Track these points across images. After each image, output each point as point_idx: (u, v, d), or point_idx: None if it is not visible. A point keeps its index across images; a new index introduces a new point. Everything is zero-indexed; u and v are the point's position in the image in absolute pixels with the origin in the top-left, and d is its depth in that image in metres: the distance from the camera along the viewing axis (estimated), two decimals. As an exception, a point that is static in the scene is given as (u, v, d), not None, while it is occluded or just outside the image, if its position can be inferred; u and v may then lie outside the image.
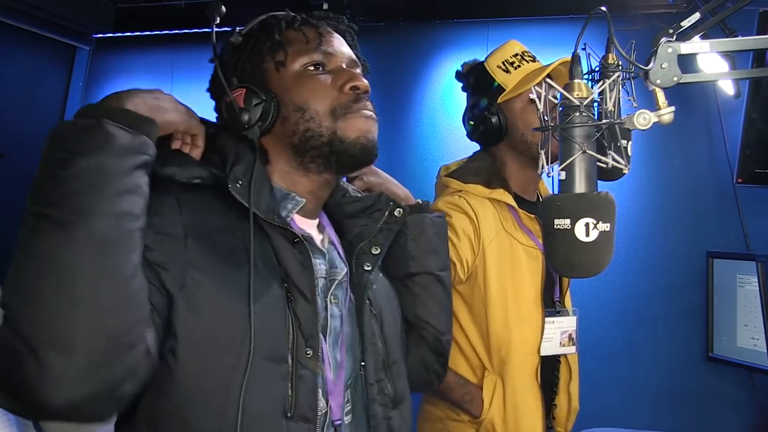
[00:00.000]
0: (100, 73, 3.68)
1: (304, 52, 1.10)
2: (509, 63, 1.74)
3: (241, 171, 1.02)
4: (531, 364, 1.71)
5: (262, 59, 1.11)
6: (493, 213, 1.71)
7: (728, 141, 2.74)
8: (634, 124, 0.96)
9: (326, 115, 1.07)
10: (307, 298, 1.01)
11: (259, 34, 1.13)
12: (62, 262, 0.77)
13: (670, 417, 2.82)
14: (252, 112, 1.06)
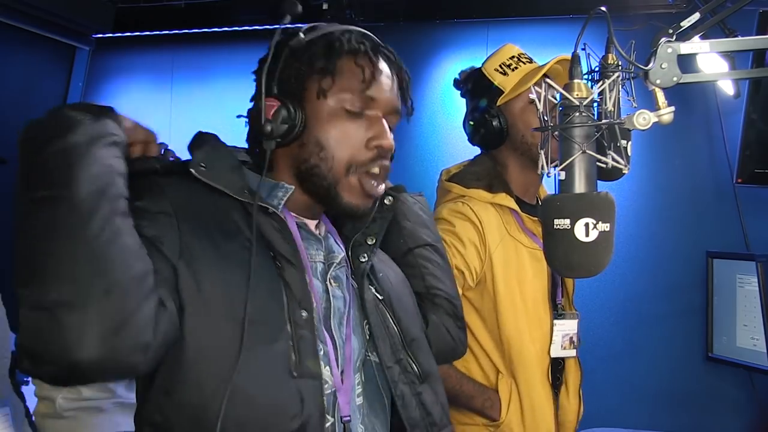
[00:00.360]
0: (99, 73, 3.68)
1: (350, 91, 1.07)
2: (506, 65, 1.74)
3: (202, 155, 1.04)
4: (543, 365, 1.72)
5: (308, 76, 1.08)
6: (496, 218, 1.71)
7: (728, 141, 2.74)
8: (633, 124, 0.96)
9: (340, 165, 1.07)
10: (293, 264, 1.03)
11: (316, 48, 1.08)
12: (53, 233, 0.82)
13: (670, 417, 2.82)
14: (277, 127, 1.05)
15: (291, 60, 1.07)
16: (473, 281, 1.68)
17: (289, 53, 1.07)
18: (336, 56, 1.07)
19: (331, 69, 1.06)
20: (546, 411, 1.71)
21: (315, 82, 1.07)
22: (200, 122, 3.97)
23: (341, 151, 1.06)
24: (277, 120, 1.04)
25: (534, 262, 1.73)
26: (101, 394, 1.94)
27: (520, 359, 1.68)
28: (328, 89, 1.06)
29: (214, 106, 3.49)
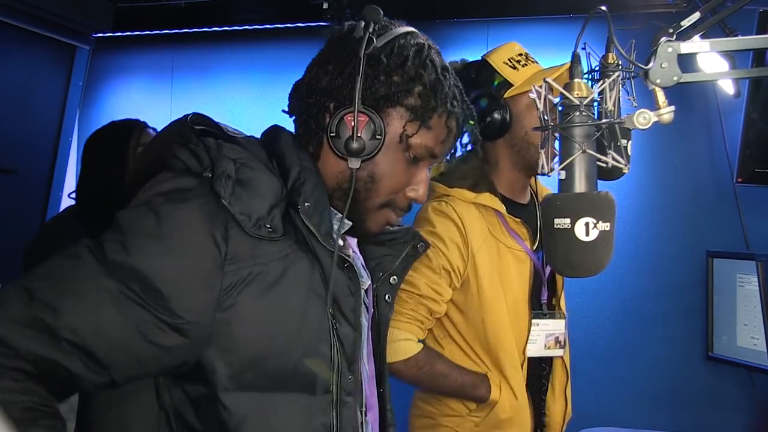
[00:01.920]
0: (99, 73, 3.68)
1: (425, 146, 1.05)
2: (515, 61, 1.72)
3: (310, 190, 0.98)
4: (518, 364, 1.72)
5: (395, 104, 1.03)
6: (479, 218, 1.69)
7: (728, 140, 2.74)
8: (634, 123, 0.96)
9: (378, 201, 1.06)
10: (352, 324, 1.01)
11: (418, 81, 1.03)
12: None
13: (670, 417, 2.82)
14: (367, 144, 1.01)
15: (388, 74, 1.03)
16: (458, 282, 1.67)
17: (384, 68, 1.02)
18: (433, 110, 1.04)
19: (426, 119, 1.04)
20: (524, 410, 1.71)
21: (401, 118, 1.04)
22: (200, 122, 3.90)
23: (386, 189, 1.05)
24: (366, 135, 1.01)
25: (517, 264, 1.72)
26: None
27: (503, 359, 1.68)
28: (411, 135, 1.04)
29: (214, 106, 3.49)
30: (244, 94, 3.51)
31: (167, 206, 0.90)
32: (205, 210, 0.90)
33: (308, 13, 3.11)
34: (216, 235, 0.89)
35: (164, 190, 0.93)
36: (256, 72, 3.52)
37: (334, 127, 1.01)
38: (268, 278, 0.93)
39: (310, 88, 1.05)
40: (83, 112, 3.66)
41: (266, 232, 0.92)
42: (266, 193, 0.95)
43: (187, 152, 0.96)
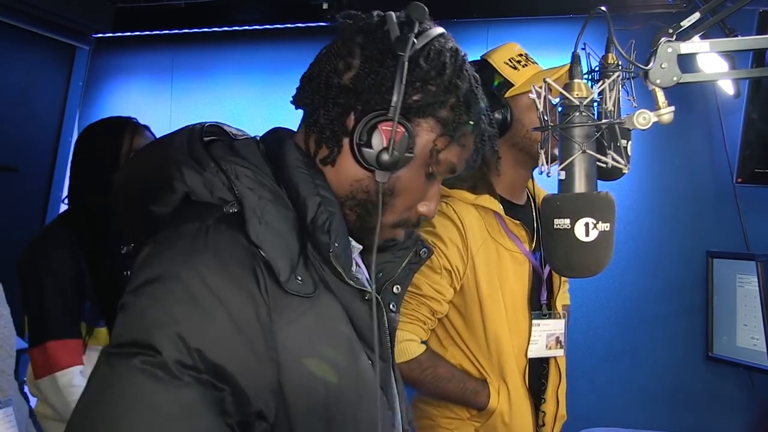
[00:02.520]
0: (99, 73, 3.68)
1: (450, 162, 0.97)
2: (516, 61, 1.72)
3: (335, 230, 0.89)
4: (520, 367, 1.71)
5: (427, 115, 0.93)
6: (478, 220, 1.69)
7: (728, 141, 2.74)
8: (633, 123, 0.96)
9: (393, 218, 0.98)
10: (381, 357, 0.96)
11: (454, 93, 0.94)
12: None
13: (670, 417, 2.82)
14: (402, 157, 0.91)
15: (425, 81, 0.92)
16: (458, 283, 1.67)
17: (421, 75, 0.92)
18: (464, 125, 0.95)
19: (456, 135, 0.95)
20: (524, 413, 1.71)
21: (431, 131, 0.94)
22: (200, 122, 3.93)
23: (403, 204, 0.97)
24: (400, 148, 0.90)
25: (515, 266, 1.72)
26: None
27: (503, 361, 1.68)
28: (441, 150, 0.95)
29: (214, 106, 3.49)
30: (243, 95, 3.51)
31: (198, 275, 0.80)
32: (246, 265, 0.82)
33: (308, 13, 3.11)
34: (260, 311, 0.82)
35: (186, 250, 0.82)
36: (255, 72, 3.52)
37: (364, 134, 0.90)
38: (303, 328, 0.86)
39: (329, 83, 0.93)
40: (83, 113, 3.65)
41: (298, 287, 0.85)
42: (291, 238, 0.87)
43: (201, 181, 0.88)
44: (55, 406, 1.86)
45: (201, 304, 0.78)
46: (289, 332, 0.84)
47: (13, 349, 1.47)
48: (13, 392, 1.45)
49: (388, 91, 0.90)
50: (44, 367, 1.84)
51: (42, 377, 1.84)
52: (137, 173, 0.96)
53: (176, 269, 0.80)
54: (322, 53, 0.99)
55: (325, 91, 0.94)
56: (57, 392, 1.83)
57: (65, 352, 1.85)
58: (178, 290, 0.79)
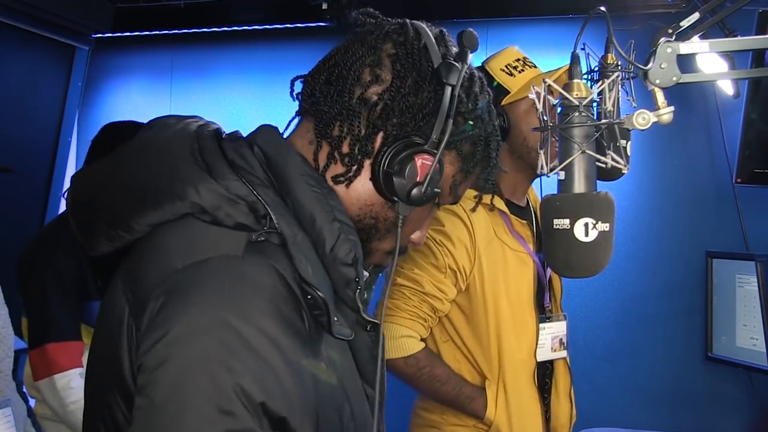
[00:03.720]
0: (99, 74, 3.68)
1: (457, 197, 0.93)
2: (512, 67, 1.73)
3: (360, 260, 0.81)
4: (529, 369, 1.71)
5: (455, 147, 0.87)
6: (485, 219, 1.70)
7: (727, 141, 2.74)
8: (633, 124, 0.96)
9: (388, 246, 0.90)
10: (373, 387, 0.89)
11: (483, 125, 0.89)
12: None
13: (670, 417, 2.82)
14: (432, 194, 0.84)
15: (462, 114, 0.86)
16: (464, 283, 1.67)
17: (461, 109, 0.85)
18: (478, 162, 0.90)
19: (471, 171, 0.90)
20: (534, 416, 1.70)
21: (452, 164, 0.88)
22: (200, 122, 3.90)
23: (405, 235, 0.90)
24: (430, 183, 0.83)
25: (520, 266, 1.72)
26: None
27: (508, 364, 1.67)
28: (459, 184, 0.91)
29: (214, 106, 3.49)
30: (243, 95, 3.51)
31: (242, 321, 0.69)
32: (289, 302, 0.73)
33: (308, 13, 3.11)
34: (308, 352, 0.74)
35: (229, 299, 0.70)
36: (255, 72, 3.52)
37: (395, 163, 0.81)
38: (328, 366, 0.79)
39: (353, 93, 0.83)
40: (82, 113, 3.66)
41: (339, 330, 0.76)
42: (322, 271, 0.78)
43: (236, 211, 0.76)
44: (54, 408, 1.86)
45: (258, 353, 0.68)
46: (314, 377, 0.76)
47: (11, 349, 1.47)
48: (12, 392, 1.45)
49: (425, 119, 0.83)
50: (43, 368, 1.84)
51: (41, 379, 1.84)
52: (131, 185, 0.81)
53: (218, 317, 0.68)
54: (339, 54, 0.87)
55: (348, 101, 0.83)
56: (55, 394, 1.83)
57: (65, 354, 1.85)
58: (229, 341, 0.68)
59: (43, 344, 1.83)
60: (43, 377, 1.83)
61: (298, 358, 0.72)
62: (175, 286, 0.72)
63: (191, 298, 0.70)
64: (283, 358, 0.70)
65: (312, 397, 0.74)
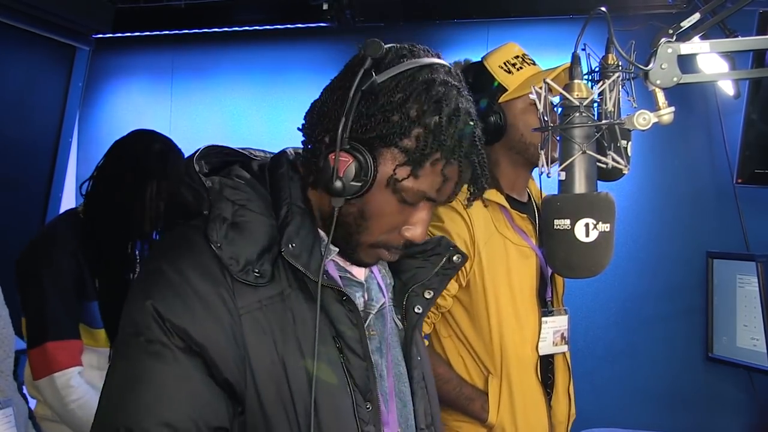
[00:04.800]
0: (99, 74, 3.68)
1: (416, 192, 0.97)
2: (511, 64, 1.73)
3: (294, 231, 0.98)
4: (531, 362, 1.71)
5: (390, 144, 0.95)
6: (485, 214, 1.70)
7: (728, 141, 2.74)
8: (633, 124, 0.96)
9: (370, 239, 1.01)
10: (360, 355, 1.00)
11: (415, 125, 0.94)
12: None
13: (670, 417, 2.82)
14: (347, 186, 0.95)
15: (381, 115, 0.95)
16: (464, 279, 1.67)
17: (381, 107, 0.94)
18: (427, 156, 0.95)
19: (418, 165, 0.95)
20: (539, 409, 1.71)
21: (394, 160, 0.96)
22: (200, 122, 4.01)
23: (377, 228, 1.00)
24: (349, 174, 0.95)
25: (522, 260, 1.73)
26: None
27: (510, 358, 1.68)
28: (400, 180, 0.96)
29: (214, 107, 3.49)
30: (243, 95, 3.51)
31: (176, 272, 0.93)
32: (207, 264, 0.94)
33: (308, 14, 3.11)
34: (223, 292, 0.93)
35: (168, 253, 0.97)
36: (255, 73, 3.52)
37: (321, 162, 0.96)
38: (267, 321, 0.95)
39: (321, 113, 1.00)
40: (83, 113, 3.66)
41: (253, 278, 0.94)
42: (259, 238, 0.96)
43: (190, 192, 1.00)
44: (53, 407, 1.86)
45: (176, 288, 0.92)
46: (251, 320, 0.94)
47: (12, 349, 1.47)
48: (13, 392, 1.45)
49: (333, 122, 0.96)
50: (43, 367, 1.84)
51: (40, 378, 1.84)
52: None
53: (155, 263, 0.96)
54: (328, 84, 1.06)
55: (317, 121, 1.01)
56: (55, 392, 1.83)
57: (64, 352, 1.85)
58: (160, 280, 0.93)
59: (42, 343, 1.83)
60: (43, 376, 1.83)
61: (214, 298, 0.92)
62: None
63: (150, 255, 1.02)
64: (195, 293, 0.91)
65: (232, 333, 0.92)
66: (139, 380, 0.90)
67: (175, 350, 0.90)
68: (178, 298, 0.91)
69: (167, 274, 0.93)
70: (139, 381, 0.90)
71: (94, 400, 1.87)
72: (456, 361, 1.72)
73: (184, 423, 0.89)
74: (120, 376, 0.93)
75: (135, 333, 0.91)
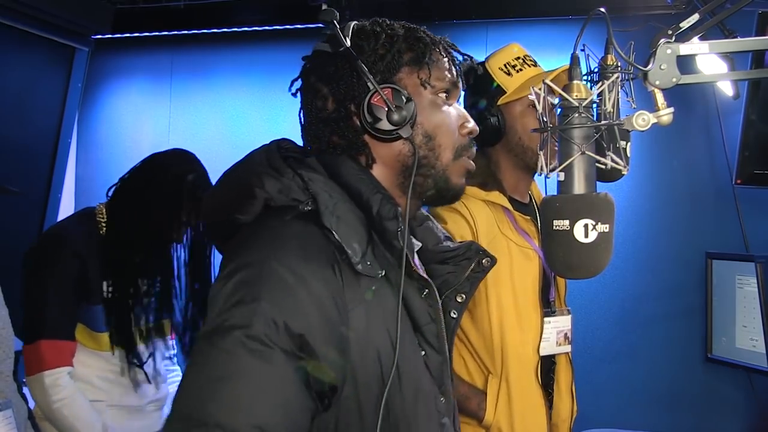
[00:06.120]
0: (99, 75, 3.68)
1: (444, 78, 1.09)
2: (511, 66, 1.73)
3: (402, 217, 0.99)
4: (532, 363, 1.72)
5: (398, 68, 1.06)
6: (488, 215, 1.71)
7: (727, 142, 2.74)
8: (633, 125, 0.97)
9: (447, 152, 1.08)
10: (436, 349, 1.04)
11: (399, 40, 1.07)
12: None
13: (669, 418, 2.82)
14: (405, 108, 1.01)
15: (365, 54, 1.05)
16: None
17: (370, 49, 1.06)
18: (425, 49, 1.07)
19: (425, 60, 1.06)
20: (538, 411, 1.71)
21: (410, 73, 1.07)
22: (199, 123, 4.01)
23: (447, 138, 1.07)
24: (399, 102, 1.02)
25: (525, 261, 1.73)
26: (96, 398, 1.94)
27: (511, 359, 1.68)
28: (428, 78, 1.06)
29: (213, 107, 3.49)
30: (243, 96, 3.51)
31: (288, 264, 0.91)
32: (321, 260, 0.93)
33: (307, 14, 3.11)
34: (334, 291, 0.92)
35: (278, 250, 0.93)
36: (255, 73, 3.51)
37: (368, 117, 1.01)
38: (367, 314, 0.95)
39: (320, 117, 1.06)
40: (82, 114, 3.65)
41: (369, 269, 0.95)
42: (359, 229, 0.97)
43: (279, 186, 0.98)
44: (39, 404, 1.88)
45: (290, 290, 0.88)
46: (359, 312, 0.94)
47: (11, 350, 1.48)
48: (13, 394, 1.45)
49: (360, 79, 1.03)
50: (34, 364, 1.85)
51: (31, 375, 1.86)
52: (224, 187, 1.07)
53: (262, 257, 0.91)
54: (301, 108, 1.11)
55: (324, 125, 1.06)
56: (43, 390, 1.85)
57: (56, 352, 1.86)
58: (271, 278, 0.89)
59: (36, 340, 1.85)
60: (33, 373, 1.85)
61: (324, 293, 0.90)
62: (238, 241, 0.98)
63: (246, 246, 0.95)
64: (306, 290, 0.89)
65: (336, 328, 0.91)
66: (238, 376, 0.85)
67: (279, 353, 0.87)
68: (294, 300, 0.88)
69: (278, 272, 0.89)
70: (237, 377, 0.85)
71: (80, 401, 1.88)
72: (457, 361, 1.72)
73: (276, 429, 0.85)
74: (215, 368, 0.86)
75: (239, 327, 0.86)
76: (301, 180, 0.98)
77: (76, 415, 1.86)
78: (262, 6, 3.30)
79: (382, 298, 0.97)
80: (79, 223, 2.00)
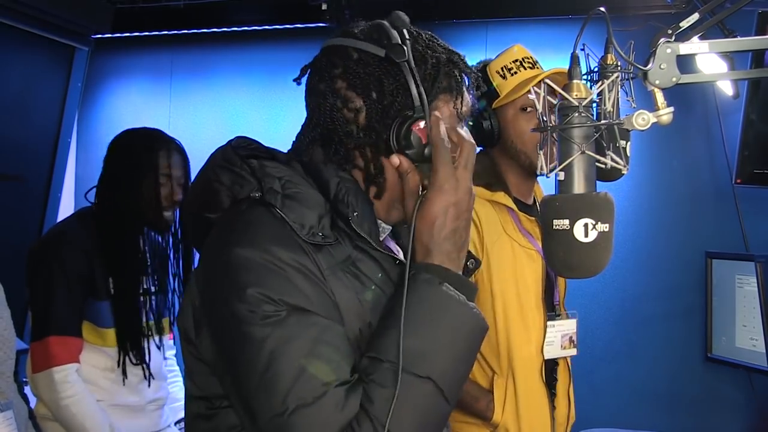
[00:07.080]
0: (98, 74, 3.68)
1: (468, 105, 1.07)
2: (507, 69, 1.74)
3: (353, 200, 1.02)
4: (536, 364, 1.72)
5: (437, 96, 1.04)
6: (494, 216, 1.71)
7: (727, 141, 2.74)
8: (632, 124, 0.97)
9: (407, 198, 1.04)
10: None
11: (442, 65, 1.04)
12: None
13: (669, 417, 2.82)
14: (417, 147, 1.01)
15: (423, 74, 1.03)
16: (473, 279, 1.67)
17: (421, 70, 1.03)
18: (459, 81, 1.05)
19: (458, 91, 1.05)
20: (543, 411, 1.71)
21: (446, 102, 1.05)
22: (199, 123, 4.00)
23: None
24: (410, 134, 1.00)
25: (530, 262, 1.73)
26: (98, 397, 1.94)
27: (516, 359, 1.68)
28: (461, 108, 1.06)
29: (213, 107, 3.49)
30: (243, 96, 3.50)
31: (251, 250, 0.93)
32: (283, 235, 0.95)
33: (307, 14, 3.11)
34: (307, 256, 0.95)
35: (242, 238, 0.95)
36: (255, 73, 3.51)
37: (402, 142, 1.00)
38: (347, 279, 0.98)
39: (347, 131, 1.03)
40: (82, 114, 3.65)
41: (320, 239, 0.96)
42: (313, 206, 0.99)
43: (231, 177, 1.01)
44: (47, 401, 1.87)
45: (270, 267, 0.91)
46: (335, 280, 0.96)
47: (13, 351, 1.47)
48: (13, 394, 1.45)
49: (406, 99, 1.00)
50: (43, 361, 1.85)
51: (39, 371, 1.86)
52: (193, 188, 1.11)
53: (235, 252, 0.93)
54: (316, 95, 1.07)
55: (346, 137, 1.04)
56: (51, 387, 1.84)
57: (64, 348, 1.87)
58: (249, 265, 0.91)
59: (44, 337, 1.85)
60: (42, 369, 1.85)
61: (304, 263, 0.93)
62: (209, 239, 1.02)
63: (213, 243, 1.00)
64: (291, 267, 0.92)
65: (328, 293, 0.95)
66: (291, 337, 0.89)
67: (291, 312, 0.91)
68: (279, 277, 0.92)
69: (252, 256, 0.92)
70: (290, 338, 0.89)
71: (88, 398, 1.88)
72: None
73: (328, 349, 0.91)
74: (263, 344, 0.89)
75: (250, 311, 0.90)
76: (248, 168, 1.00)
77: (84, 413, 1.86)
78: (261, 6, 3.30)
79: (360, 268, 1.01)
80: (79, 221, 2.02)
